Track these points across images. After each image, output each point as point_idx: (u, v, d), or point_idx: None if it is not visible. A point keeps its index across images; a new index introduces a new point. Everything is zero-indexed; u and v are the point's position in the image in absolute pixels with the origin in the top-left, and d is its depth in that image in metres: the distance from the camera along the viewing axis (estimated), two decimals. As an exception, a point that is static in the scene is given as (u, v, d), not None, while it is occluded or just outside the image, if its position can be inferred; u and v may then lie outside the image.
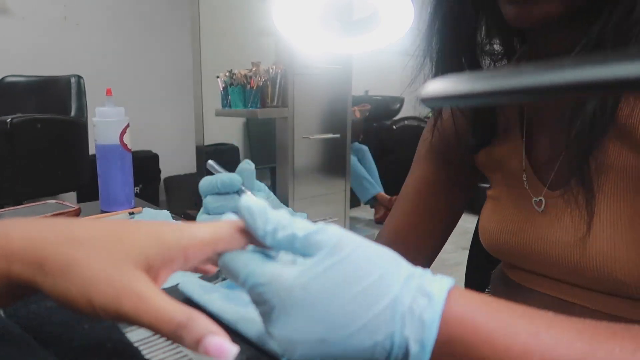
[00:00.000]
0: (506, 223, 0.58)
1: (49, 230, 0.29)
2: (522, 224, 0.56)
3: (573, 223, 0.50)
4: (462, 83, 0.23)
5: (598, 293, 0.50)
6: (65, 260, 0.28)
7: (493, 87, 0.22)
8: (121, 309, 0.27)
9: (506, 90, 0.21)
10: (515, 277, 0.61)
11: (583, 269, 0.49)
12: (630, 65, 0.17)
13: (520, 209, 0.57)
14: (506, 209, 0.59)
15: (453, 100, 0.25)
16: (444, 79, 0.24)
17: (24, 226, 0.29)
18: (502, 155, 0.60)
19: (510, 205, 0.58)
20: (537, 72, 0.20)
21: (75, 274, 0.27)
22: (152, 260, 0.29)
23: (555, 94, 0.20)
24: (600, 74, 0.18)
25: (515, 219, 0.57)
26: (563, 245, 0.51)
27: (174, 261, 0.30)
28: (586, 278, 0.50)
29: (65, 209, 0.85)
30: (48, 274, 0.27)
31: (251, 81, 2.37)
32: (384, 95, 4.29)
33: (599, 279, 0.48)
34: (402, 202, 0.73)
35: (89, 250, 0.28)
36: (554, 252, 0.52)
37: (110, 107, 0.88)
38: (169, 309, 0.27)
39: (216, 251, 0.32)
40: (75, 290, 0.27)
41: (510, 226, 0.57)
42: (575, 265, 0.50)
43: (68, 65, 2.86)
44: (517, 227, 0.56)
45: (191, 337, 0.27)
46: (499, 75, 0.21)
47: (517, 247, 0.56)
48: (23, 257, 0.28)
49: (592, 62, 0.18)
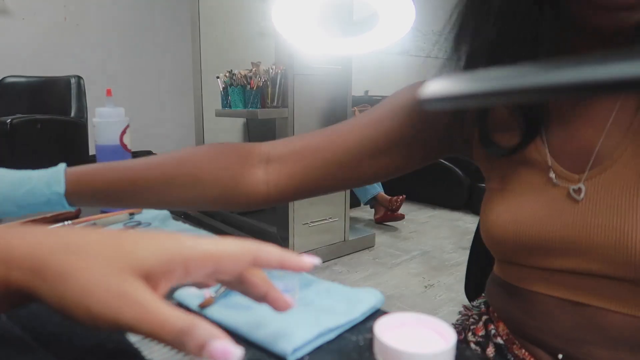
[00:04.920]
0: (527, 214, 0.55)
1: (49, 237, 0.29)
2: (552, 213, 0.53)
3: (621, 205, 0.49)
4: (462, 83, 0.23)
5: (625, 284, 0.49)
6: (63, 268, 0.27)
7: (493, 87, 0.22)
8: (120, 317, 0.27)
9: (506, 90, 0.21)
10: (514, 279, 0.59)
11: (633, 254, 0.47)
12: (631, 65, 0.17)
13: (544, 198, 0.54)
14: (525, 200, 0.56)
15: (453, 100, 0.25)
16: (443, 80, 0.24)
17: (23, 233, 0.29)
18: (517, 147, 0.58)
19: (530, 195, 0.56)
20: (537, 72, 0.20)
21: (74, 282, 0.27)
22: (151, 268, 0.29)
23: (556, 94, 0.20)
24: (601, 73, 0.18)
25: (540, 209, 0.54)
26: (610, 229, 0.49)
27: (174, 271, 0.30)
28: (632, 265, 0.48)
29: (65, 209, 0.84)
30: (46, 282, 0.27)
31: (251, 81, 2.37)
32: (384, 96, 4.29)
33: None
34: (339, 129, 0.65)
35: (87, 258, 0.28)
36: (598, 238, 0.50)
37: (110, 107, 0.88)
38: (170, 316, 0.27)
39: (218, 267, 0.32)
40: (73, 298, 0.27)
41: (534, 216, 0.54)
42: (625, 250, 0.48)
43: (68, 65, 2.86)
44: (545, 217, 0.54)
45: (194, 343, 0.27)
46: (499, 76, 0.21)
47: (546, 237, 0.53)
48: (22, 263, 0.27)
49: (593, 62, 0.18)
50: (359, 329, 0.48)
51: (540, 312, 0.55)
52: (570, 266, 0.53)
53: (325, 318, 0.47)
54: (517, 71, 0.21)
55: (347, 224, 2.76)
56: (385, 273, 2.56)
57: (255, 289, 0.37)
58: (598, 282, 0.51)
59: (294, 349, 0.42)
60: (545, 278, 0.55)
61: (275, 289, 0.38)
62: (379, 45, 0.50)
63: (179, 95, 3.43)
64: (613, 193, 0.50)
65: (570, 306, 0.53)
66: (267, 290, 0.37)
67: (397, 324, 0.42)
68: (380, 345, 0.39)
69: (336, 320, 0.47)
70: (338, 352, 0.44)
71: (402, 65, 4.99)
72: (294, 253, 0.36)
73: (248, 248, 0.33)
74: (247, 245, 0.33)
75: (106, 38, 3.09)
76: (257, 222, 2.83)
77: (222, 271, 0.33)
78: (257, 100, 2.39)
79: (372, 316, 0.50)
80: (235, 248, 0.33)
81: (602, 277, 0.51)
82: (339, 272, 2.56)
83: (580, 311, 0.52)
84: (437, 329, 0.42)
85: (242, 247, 0.33)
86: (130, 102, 3.06)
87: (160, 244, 0.30)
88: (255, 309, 0.49)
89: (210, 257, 0.31)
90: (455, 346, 0.39)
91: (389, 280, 2.46)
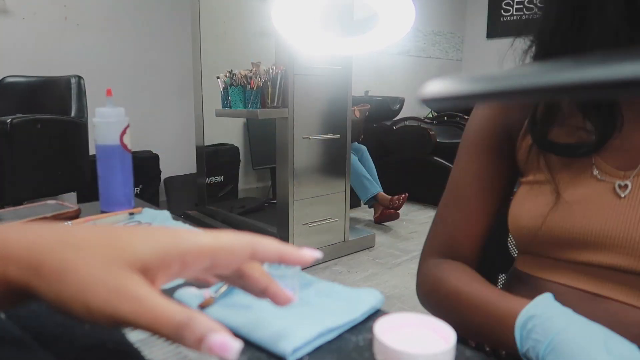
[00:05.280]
0: (567, 207, 0.56)
1: (46, 234, 0.29)
2: (594, 207, 0.55)
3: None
4: (462, 83, 0.23)
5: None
6: (60, 264, 0.27)
7: (494, 87, 0.21)
8: (118, 312, 0.27)
9: (507, 90, 0.21)
10: (537, 271, 0.60)
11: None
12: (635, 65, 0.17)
13: (587, 192, 0.56)
14: (567, 194, 0.57)
15: (454, 100, 0.25)
16: (444, 79, 0.24)
17: (20, 230, 0.29)
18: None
19: (572, 190, 0.57)
20: (538, 73, 0.20)
21: (71, 278, 0.27)
22: (148, 262, 0.29)
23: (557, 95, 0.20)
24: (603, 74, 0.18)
25: (581, 203, 0.55)
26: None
27: (171, 265, 0.30)
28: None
29: (65, 209, 0.85)
30: (44, 278, 0.27)
31: (251, 82, 2.37)
32: (384, 96, 4.29)
33: None
34: (455, 205, 0.68)
35: (84, 254, 0.28)
36: (636, 233, 0.51)
37: (111, 107, 0.87)
38: (168, 310, 0.27)
39: (216, 260, 0.32)
40: (70, 294, 0.27)
41: (573, 209, 0.55)
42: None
43: (68, 65, 2.86)
44: (585, 211, 0.55)
45: (193, 337, 0.27)
46: (500, 76, 0.21)
47: (582, 231, 0.54)
48: (19, 260, 0.27)
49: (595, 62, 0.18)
50: (359, 329, 0.48)
51: (562, 303, 0.56)
52: (600, 261, 0.54)
53: (325, 318, 0.47)
54: (518, 71, 0.21)
55: (347, 224, 2.76)
56: (385, 273, 2.56)
57: (254, 283, 0.37)
58: (625, 277, 0.52)
59: (294, 349, 0.42)
60: (570, 269, 0.56)
61: (275, 283, 0.37)
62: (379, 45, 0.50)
63: (179, 95, 3.43)
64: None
65: (592, 299, 0.54)
66: (267, 285, 0.37)
67: (397, 324, 0.42)
68: (380, 345, 0.39)
69: (336, 320, 0.47)
70: (338, 352, 0.44)
71: (402, 65, 4.99)
72: (293, 246, 0.36)
73: (246, 241, 0.33)
74: (245, 238, 0.33)
75: (106, 38, 3.09)
76: (257, 222, 2.83)
77: (219, 265, 0.32)
78: (257, 101, 2.39)
79: (372, 316, 0.50)
80: (233, 242, 0.32)
81: (631, 273, 0.52)
82: (339, 272, 2.56)
83: (602, 305, 0.53)
84: (437, 329, 0.42)
85: (240, 241, 0.33)
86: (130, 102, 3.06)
87: (157, 238, 0.30)
88: (255, 309, 0.49)
89: (207, 250, 0.31)
90: (455, 346, 0.39)
91: (389, 281, 2.46)
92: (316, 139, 2.56)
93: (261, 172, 3.88)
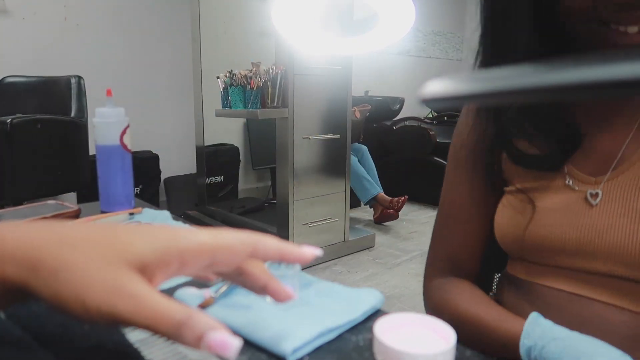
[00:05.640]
0: (543, 216, 0.57)
1: (43, 232, 0.29)
2: (569, 215, 0.56)
3: (636, 208, 0.52)
4: (462, 83, 0.23)
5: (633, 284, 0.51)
6: (58, 263, 0.27)
7: (493, 87, 0.21)
8: (116, 310, 0.26)
9: (506, 90, 0.21)
10: (525, 275, 0.61)
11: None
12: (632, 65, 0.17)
13: (562, 201, 0.57)
14: (542, 203, 0.58)
15: (453, 100, 0.25)
16: (444, 79, 0.24)
17: (18, 228, 0.29)
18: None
19: (547, 199, 0.58)
20: (537, 73, 0.20)
21: (69, 277, 0.27)
22: (146, 260, 0.29)
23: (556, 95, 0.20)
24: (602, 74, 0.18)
25: (557, 212, 0.57)
26: (623, 232, 0.52)
27: (170, 263, 0.30)
28: None
29: (65, 209, 0.85)
30: (41, 277, 0.27)
31: (251, 82, 2.37)
32: (384, 96, 4.29)
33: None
34: (452, 225, 0.69)
35: (82, 253, 0.28)
36: (611, 240, 0.52)
37: (111, 107, 0.87)
38: (166, 308, 0.27)
39: (215, 258, 0.32)
40: (68, 293, 0.26)
41: (550, 218, 0.57)
42: (636, 253, 0.51)
43: (68, 65, 2.86)
44: (561, 220, 0.56)
45: (192, 335, 0.26)
46: (500, 76, 0.21)
47: (560, 239, 0.56)
48: (16, 259, 0.27)
49: (594, 62, 0.18)
50: (359, 329, 0.48)
51: (550, 305, 0.57)
52: (582, 266, 0.55)
53: (325, 318, 0.47)
54: (517, 71, 0.21)
55: (347, 224, 2.76)
56: (385, 273, 2.56)
57: (254, 280, 0.37)
58: (606, 280, 0.54)
59: (294, 349, 0.42)
60: (556, 274, 0.57)
61: (275, 280, 0.37)
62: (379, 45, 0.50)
63: (179, 95, 3.43)
64: (628, 196, 0.52)
65: (579, 301, 0.55)
66: (266, 282, 0.37)
67: (397, 324, 0.42)
68: (380, 345, 0.39)
69: (336, 320, 0.47)
70: (338, 352, 0.44)
71: (402, 66, 4.99)
72: (293, 244, 0.36)
73: (246, 239, 0.33)
74: (245, 236, 0.33)
75: (106, 38, 3.09)
76: (257, 223, 2.83)
77: (219, 263, 0.32)
78: (257, 101, 2.39)
79: (372, 316, 0.50)
80: (233, 239, 0.32)
81: (610, 277, 0.53)
82: (339, 272, 2.56)
83: (590, 307, 0.54)
84: (437, 329, 0.42)
85: (239, 239, 0.33)
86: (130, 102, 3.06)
87: (156, 236, 0.30)
88: (255, 309, 0.49)
89: (206, 248, 0.31)
90: (455, 346, 0.39)
91: (388, 281, 2.46)
92: (316, 139, 2.56)
93: (261, 172, 3.89)
